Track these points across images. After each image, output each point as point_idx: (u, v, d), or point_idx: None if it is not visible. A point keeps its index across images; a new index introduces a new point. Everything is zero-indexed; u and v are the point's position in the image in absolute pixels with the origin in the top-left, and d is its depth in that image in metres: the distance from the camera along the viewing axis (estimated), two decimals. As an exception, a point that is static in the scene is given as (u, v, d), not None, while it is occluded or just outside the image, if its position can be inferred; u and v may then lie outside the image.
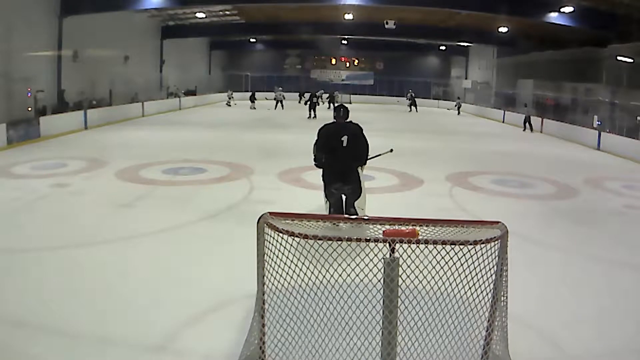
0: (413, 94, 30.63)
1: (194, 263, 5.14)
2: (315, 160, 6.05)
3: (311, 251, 2.60)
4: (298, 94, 32.34)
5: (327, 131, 5.92)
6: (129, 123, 18.72)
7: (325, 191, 6.00)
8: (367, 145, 5.91)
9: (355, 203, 5.85)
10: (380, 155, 6.87)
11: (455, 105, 29.50)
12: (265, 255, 2.74)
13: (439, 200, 8.07)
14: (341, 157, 5.78)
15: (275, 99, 28.51)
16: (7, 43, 14.09)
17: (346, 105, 6.40)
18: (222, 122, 20.35)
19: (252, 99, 28.43)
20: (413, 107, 29.61)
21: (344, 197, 5.90)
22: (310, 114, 22.39)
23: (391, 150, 7.24)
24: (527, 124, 20.32)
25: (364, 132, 5.90)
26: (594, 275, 5.16)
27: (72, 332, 3.66)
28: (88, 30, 18.33)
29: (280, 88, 29.62)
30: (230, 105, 29.24)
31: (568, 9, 17.54)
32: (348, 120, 6.03)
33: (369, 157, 5.99)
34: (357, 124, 5.94)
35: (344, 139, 5.74)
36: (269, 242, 2.70)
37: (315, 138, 6.03)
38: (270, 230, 2.67)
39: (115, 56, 20.71)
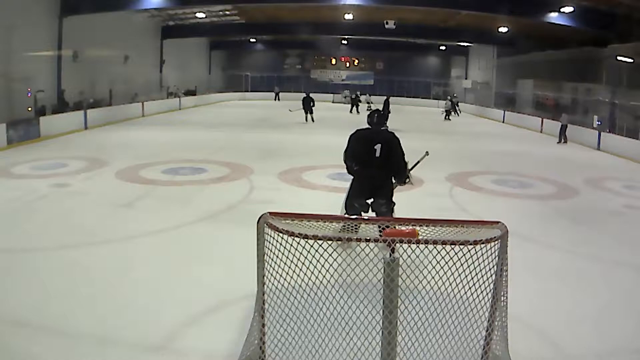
0: (453, 99, 27.58)
1: (193, 263, 5.14)
2: (346, 166, 5.44)
3: (311, 251, 2.60)
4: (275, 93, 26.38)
5: (359, 137, 5.31)
6: (129, 123, 18.71)
7: (346, 201, 5.41)
8: (404, 158, 5.29)
9: None
10: (418, 162, 6.16)
11: (447, 106, 26.77)
12: (265, 255, 2.74)
13: (439, 200, 8.07)
14: (373, 168, 5.17)
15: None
16: (7, 43, 14.08)
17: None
18: (222, 122, 20.36)
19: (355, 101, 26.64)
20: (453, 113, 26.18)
21: (364, 214, 5.25)
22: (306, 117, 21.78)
23: (427, 153, 6.39)
24: (563, 135, 17.03)
25: (400, 143, 5.28)
26: (594, 275, 5.17)
27: (72, 332, 3.66)
28: (88, 30, 18.33)
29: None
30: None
31: (568, 9, 17.54)
32: (383, 127, 5.42)
33: (407, 170, 5.39)
34: (392, 133, 5.34)
35: (377, 147, 5.12)
36: (269, 242, 2.70)
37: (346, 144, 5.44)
38: (270, 230, 2.67)
39: (115, 56, 20.70)
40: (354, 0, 19.65)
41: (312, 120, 20.63)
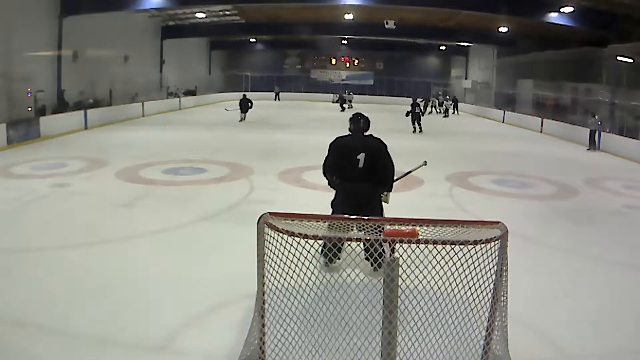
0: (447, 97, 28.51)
1: (193, 263, 5.14)
2: (326, 179, 4.90)
3: (311, 251, 2.60)
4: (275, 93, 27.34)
5: (340, 146, 4.70)
6: (129, 123, 18.72)
7: None
8: (393, 165, 4.71)
9: None
10: (411, 171, 6.01)
11: (435, 104, 27.71)
12: (265, 255, 2.74)
13: (439, 200, 8.07)
14: (356, 180, 4.59)
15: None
16: (7, 43, 14.09)
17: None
18: (222, 122, 20.35)
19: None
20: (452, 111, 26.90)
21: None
22: None
23: (425, 163, 6.11)
24: (593, 140, 15.17)
25: (388, 149, 4.74)
26: (594, 275, 5.17)
27: (72, 332, 3.66)
28: (88, 30, 18.34)
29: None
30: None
31: (568, 9, 17.55)
32: (368, 133, 4.81)
33: (394, 179, 4.86)
34: (378, 139, 4.72)
35: (361, 157, 4.55)
36: (269, 242, 2.70)
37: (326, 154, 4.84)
38: (270, 230, 2.67)
39: (115, 56, 20.72)
40: (354, 0, 19.66)
41: (244, 118, 20.41)
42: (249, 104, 20.67)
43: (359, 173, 4.59)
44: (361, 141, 4.69)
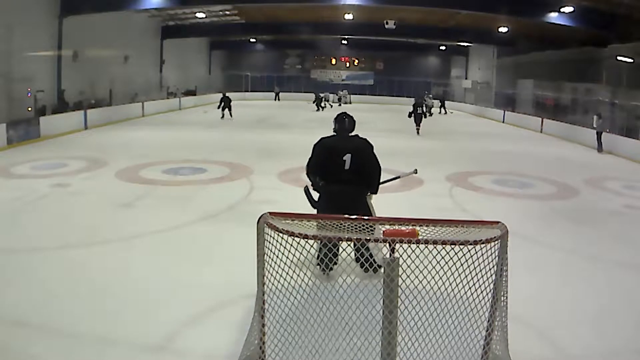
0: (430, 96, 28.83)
1: (193, 263, 5.14)
2: (310, 181, 4.74)
3: (311, 251, 2.59)
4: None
5: (324, 147, 4.56)
6: (129, 123, 18.73)
7: None
8: (379, 167, 4.60)
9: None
10: (400, 177, 5.81)
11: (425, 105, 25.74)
12: (265, 255, 2.74)
13: (439, 200, 8.07)
14: (342, 182, 4.47)
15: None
16: (7, 43, 14.09)
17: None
18: (222, 122, 20.37)
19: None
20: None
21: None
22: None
23: (415, 172, 5.98)
24: (600, 141, 14.81)
25: (374, 150, 4.61)
26: (594, 275, 5.16)
27: (72, 332, 3.66)
28: (88, 30, 18.35)
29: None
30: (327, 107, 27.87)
31: (568, 9, 17.56)
32: (353, 133, 4.68)
33: (381, 181, 4.71)
34: (364, 139, 4.60)
35: (347, 158, 4.43)
36: (269, 242, 2.70)
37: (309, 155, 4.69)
38: (270, 230, 2.67)
39: (115, 56, 20.72)
40: (354, 0, 19.67)
41: (231, 116, 21.29)
42: (230, 101, 21.59)
43: (345, 174, 4.46)
44: (347, 142, 4.57)
